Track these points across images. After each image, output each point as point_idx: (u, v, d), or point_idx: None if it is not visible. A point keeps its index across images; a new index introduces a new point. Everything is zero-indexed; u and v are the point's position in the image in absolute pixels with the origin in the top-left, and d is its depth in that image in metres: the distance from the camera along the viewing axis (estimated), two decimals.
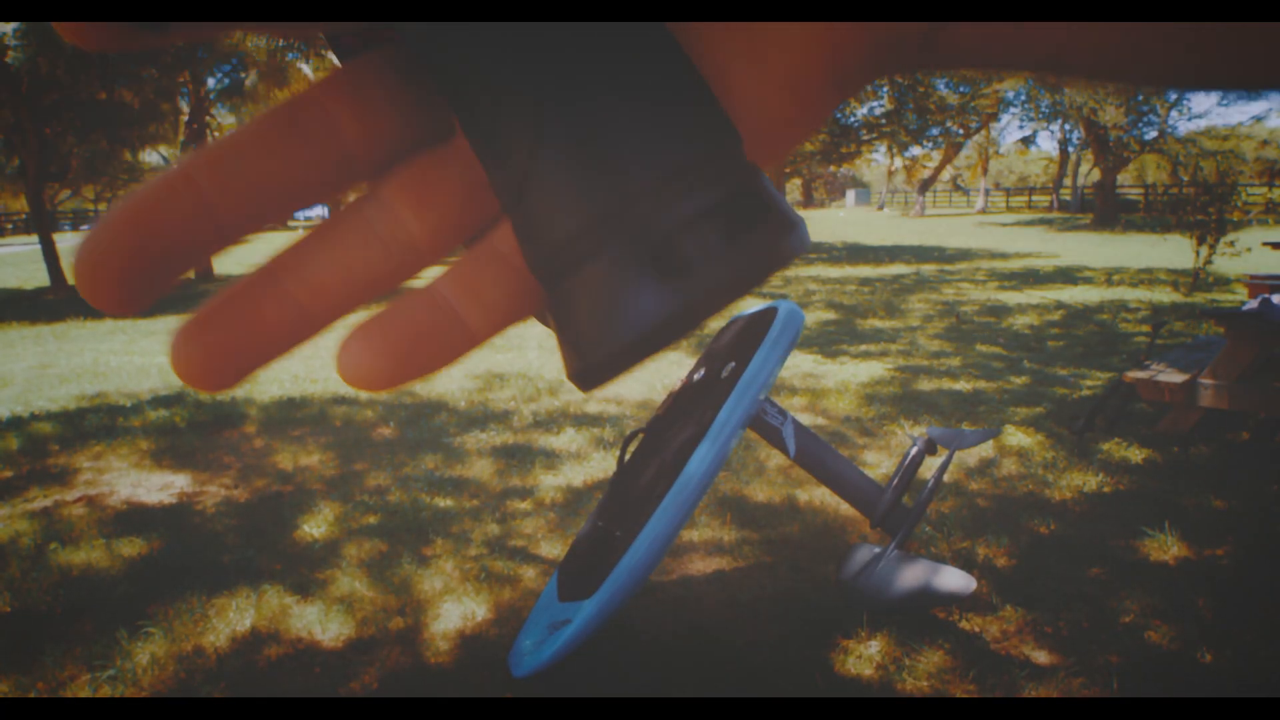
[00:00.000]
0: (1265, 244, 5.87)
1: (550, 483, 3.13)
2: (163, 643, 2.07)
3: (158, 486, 3.19)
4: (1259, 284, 5.22)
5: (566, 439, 3.65)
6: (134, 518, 2.86)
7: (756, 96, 0.18)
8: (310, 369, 5.30)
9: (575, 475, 3.20)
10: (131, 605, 2.25)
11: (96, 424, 4.04)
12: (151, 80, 12.86)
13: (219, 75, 16.53)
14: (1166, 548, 2.45)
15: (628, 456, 1.98)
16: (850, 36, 0.18)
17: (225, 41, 13.55)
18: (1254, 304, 3.29)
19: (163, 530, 2.75)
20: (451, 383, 4.80)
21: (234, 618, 2.18)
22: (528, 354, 5.65)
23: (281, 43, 15.27)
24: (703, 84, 0.17)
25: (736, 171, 0.17)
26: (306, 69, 15.93)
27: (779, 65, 0.18)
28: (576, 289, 0.17)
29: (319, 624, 2.15)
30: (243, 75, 16.21)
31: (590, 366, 0.17)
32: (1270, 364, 3.44)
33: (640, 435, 1.97)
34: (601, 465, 3.29)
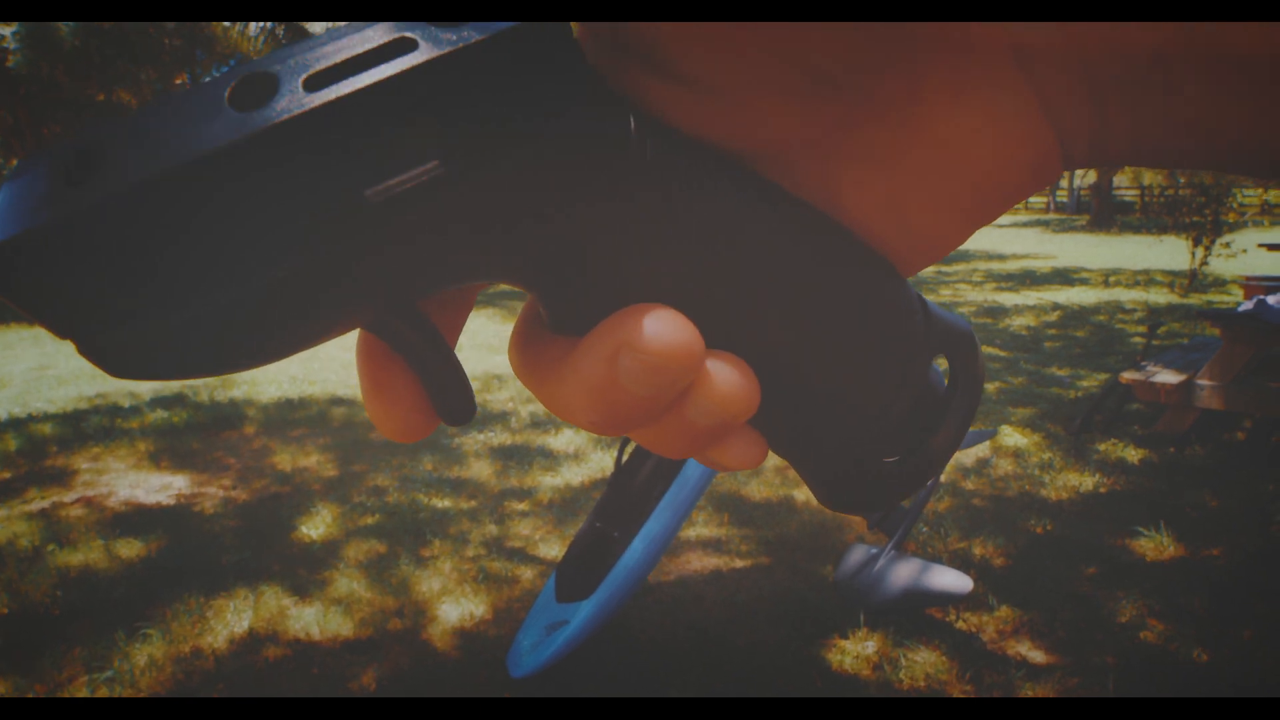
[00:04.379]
0: (1261, 245, 5.90)
1: (548, 483, 3.13)
2: (161, 644, 2.07)
3: (156, 488, 3.19)
4: (1254, 285, 5.23)
5: (565, 440, 3.66)
6: (133, 519, 2.87)
7: (898, 238, 0.20)
8: (309, 370, 5.31)
9: (573, 476, 3.21)
10: (130, 606, 2.26)
11: (95, 425, 4.05)
12: (150, 81, 12.86)
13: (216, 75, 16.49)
14: (1162, 548, 2.46)
15: (625, 457, 1.98)
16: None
17: (222, 41, 13.55)
18: (1249, 305, 3.30)
19: (161, 531, 2.75)
20: None
21: (232, 619, 2.18)
22: None
23: (280, 42, 15.27)
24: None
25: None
26: None
27: (916, 219, 0.19)
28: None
29: (317, 625, 2.15)
30: None
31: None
32: (1266, 365, 3.45)
33: None
34: (600, 465, 3.30)
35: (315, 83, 0.14)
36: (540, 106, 0.15)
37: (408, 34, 0.14)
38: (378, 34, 0.14)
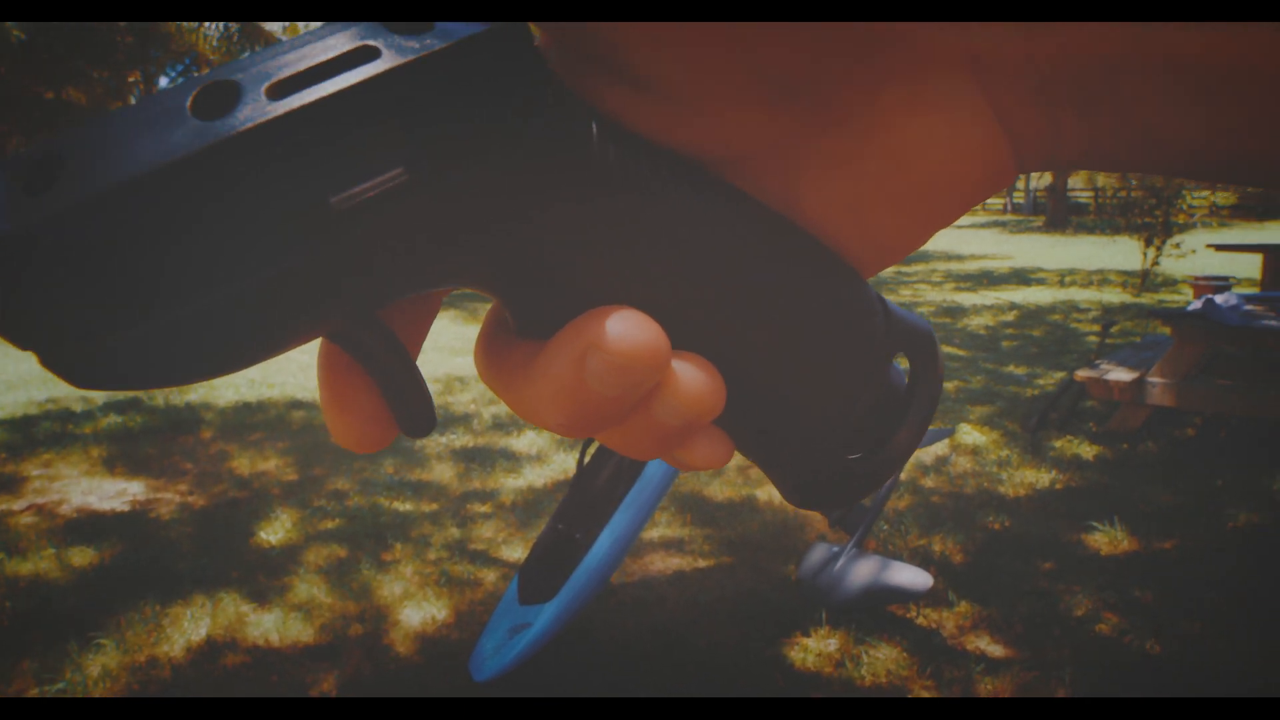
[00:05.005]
0: (1209, 246, 6.04)
1: (511, 485, 3.12)
2: (115, 654, 2.03)
3: (111, 494, 3.13)
4: (1203, 285, 5.36)
5: (527, 441, 3.65)
6: (85, 526, 2.80)
7: (858, 242, 0.20)
8: (267, 374, 5.23)
9: (536, 477, 3.20)
10: (82, 616, 2.21)
11: (46, 431, 3.96)
12: (101, 80, 12.61)
13: (171, 74, 16.25)
14: (1117, 542, 2.51)
15: (587, 458, 1.98)
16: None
17: (177, 39, 13.32)
18: (1198, 304, 3.37)
19: (115, 539, 2.70)
20: None
21: (189, 627, 2.14)
22: None
23: (235, 39, 15.06)
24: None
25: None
26: None
27: (876, 222, 0.20)
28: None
29: (277, 631, 2.12)
30: (195, 74, 15.93)
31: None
32: (1215, 363, 3.53)
33: None
34: (562, 467, 3.29)
35: (278, 91, 0.14)
36: (503, 112, 0.15)
37: (370, 42, 0.14)
38: (340, 41, 0.14)
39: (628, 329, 0.17)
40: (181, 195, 0.13)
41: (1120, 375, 3.36)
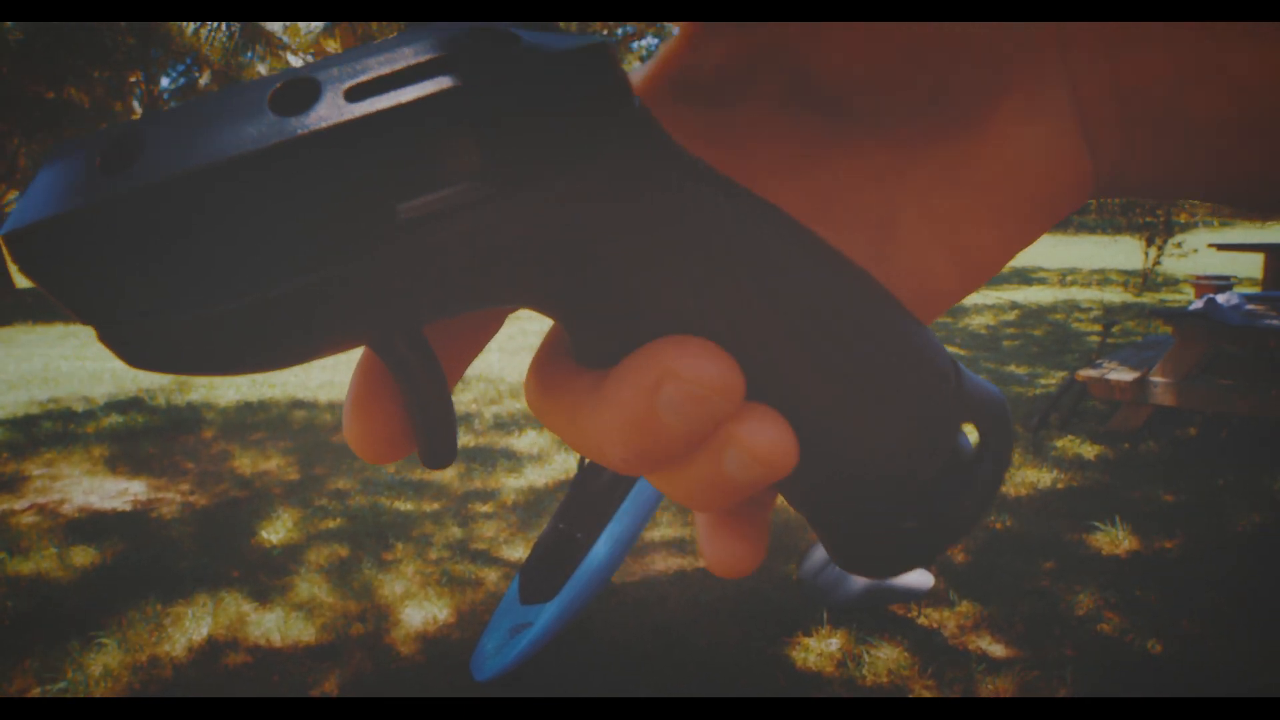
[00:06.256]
0: (1210, 245, 6.04)
1: (512, 485, 3.12)
2: (116, 653, 2.03)
3: (113, 493, 3.13)
4: (1205, 284, 5.36)
5: (528, 441, 3.65)
6: (87, 526, 2.81)
7: (947, 261, 0.20)
8: (268, 373, 5.23)
9: (537, 477, 3.20)
10: (84, 615, 2.21)
11: (48, 430, 3.96)
12: (102, 80, 12.61)
13: (173, 75, 16.26)
14: (1118, 541, 2.51)
15: (589, 459, 1.98)
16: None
17: (178, 39, 13.32)
18: (1200, 304, 3.37)
19: (117, 538, 2.70)
20: None
21: (191, 626, 2.15)
22: (489, 357, 5.63)
23: (236, 41, 15.06)
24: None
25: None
26: (263, 70, 15.71)
27: (971, 238, 0.20)
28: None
29: (278, 631, 2.12)
30: (196, 75, 15.95)
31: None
32: (1216, 362, 3.53)
33: None
34: (563, 467, 3.29)
35: (357, 94, 0.14)
36: (582, 135, 0.15)
37: (453, 51, 0.14)
38: (425, 48, 0.14)
39: (705, 359, 0.16)
40: (251, 187, 0.13)
41: (1122, 375, 3.36)
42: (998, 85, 0.18)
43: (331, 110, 0.14)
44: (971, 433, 0.48)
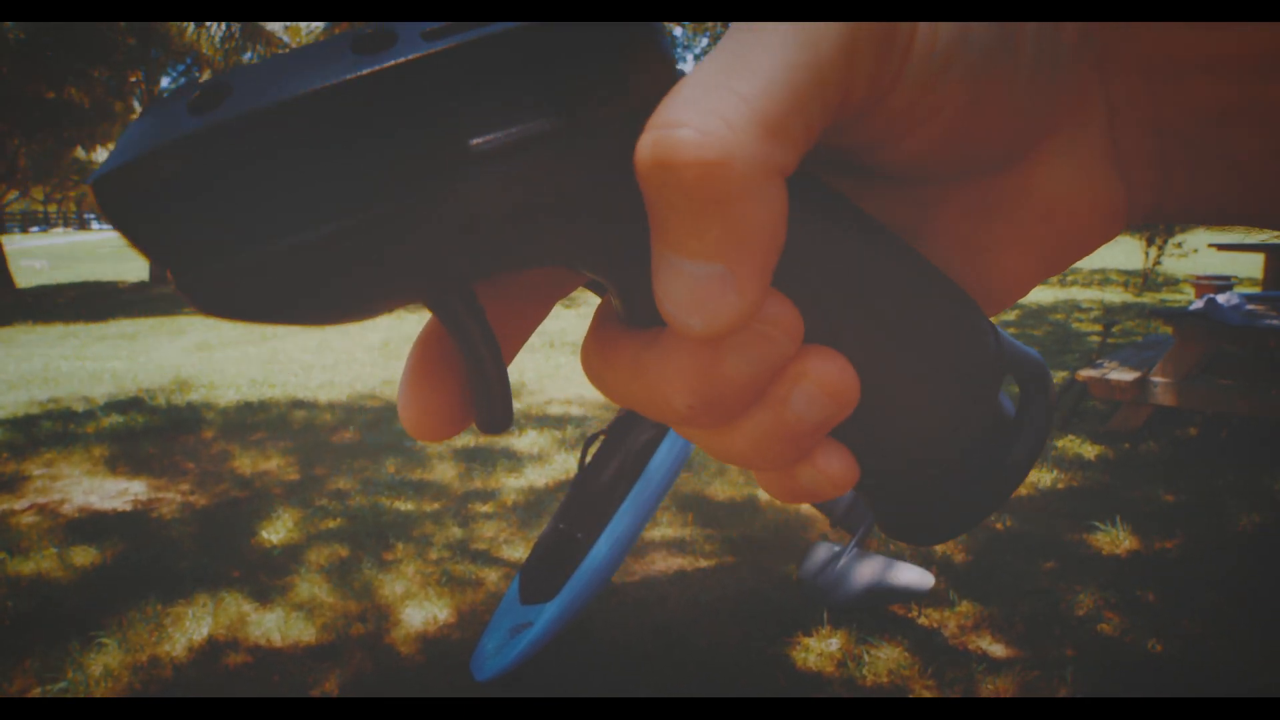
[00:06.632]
0: (1211, 245, 6.04)
1: (512, 485, 3.12)
2: (116, 653, 2.03)
3: (113, 493, 3.13)
4: (1205, 284, 5.36)
5: (528, 441, 3.65)
6: (87, 526, 2.81)
7: (972, 285, 0.20)
8: (268, 373, 5.24)
9: (537, 477, 3.20)
10: (84, 615, 2.21)
11: (48, 430, 3.96)
12: (102, 80, 12.61)
13: (173, 74, 16.25)
14: (1118, 541, 2.51)
15: (589, 458, 1.98)
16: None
17: (178, 40, 13.32)
18: (1200, 304, 3.37)
19: (117, 538, 2.70)
20: None
21: (191, 626, 2.15)
22: None
23: (236, 41, 15.05)
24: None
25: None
26: None
27: (1003, 267, 0.20)
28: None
29: (279, 631, 2.12)
30: (197, 74, 15.95)
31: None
32: (1216, 362, 3.53)
33: (602, 437, 1.98)
34: (564, 467, 3.29)
35: (434, 36, 0.14)
36: (653, 90, 0.16)
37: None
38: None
39: (772, 299, 0.17)
40: (330, 120, 0.14)
41: (1122, 375, 3.36)
42: (1041, 131, 0.18)
43: (409, 47, 0.14)
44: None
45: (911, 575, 2.03)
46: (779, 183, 0.14)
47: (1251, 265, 8.69)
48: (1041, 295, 8.61)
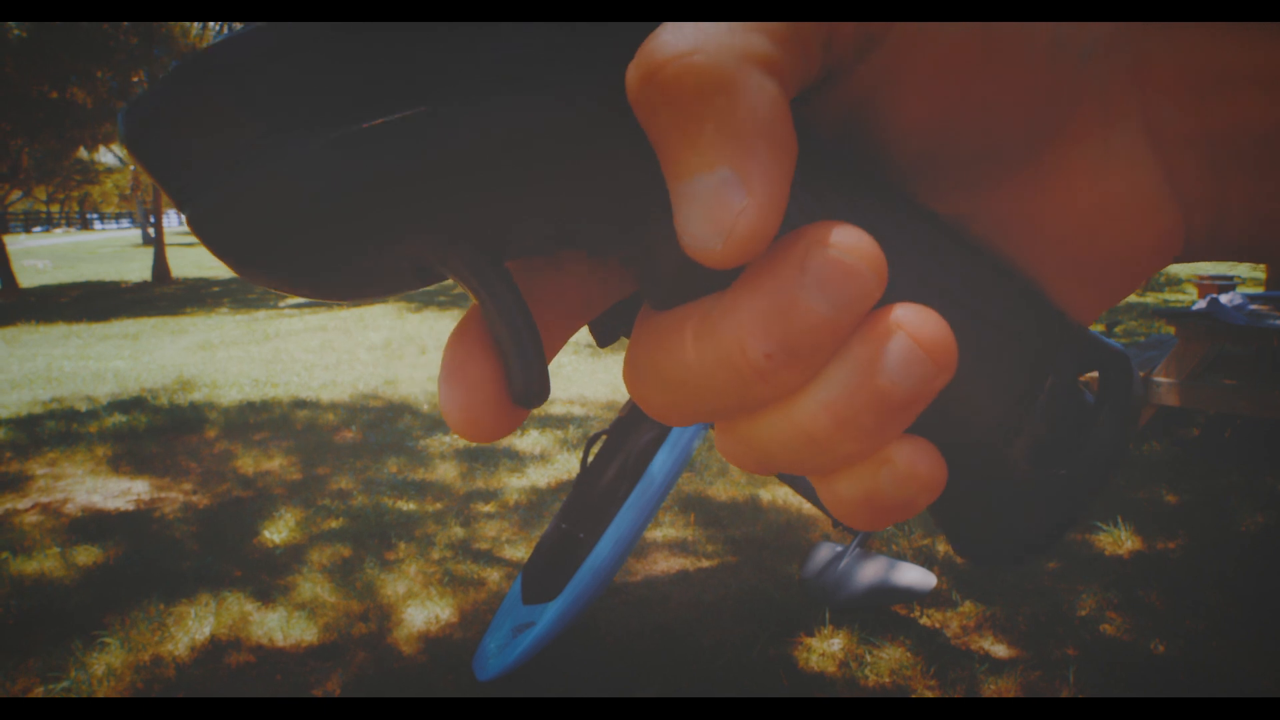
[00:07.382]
0: None
1: (514, 485, 3.12)
2: (119, 653, 2.04)
3: (115, 493, 3.13)
4: (1208, 284, 5.33)
5: (531, 441, 3.65)
6: (90, 525, 2.81)
7: (1067, 301, 0.19)
8: (271, 373, 5.24)
9: (539, 477, 3.20)
10: (87, 615, 2.21)
11: (51, 430, 3.96)
12: (105, 80, 12.62)
13: None
14: (1121, 542, 2.51)
15: (591, 458, 1.98)
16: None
17: (181, 40, 13.33)
18: (1203, 304, 3.36)
19: (120, 538, 2.70)
20: (414, 386, 4.77)
21: (193, 626, 2.15)
22: None
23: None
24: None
25: None
26: None
27: (1051, 291, 0.19)
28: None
29: (281, 630, 2.13)
30: None
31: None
32: (1219, 362, 3.52)
33: (604, 437, 1.98)
34: (566, 467, 3.29)
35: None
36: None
37: None
38: None
39: (853, 230, 0.15)
40: (349, 33, 0.14)
41: None
42: (1058, 132, 0.17)
43: None
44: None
45: (914, 575, 2.03)
46: (766, 72, 0.14)
47: (1254, 265, 8.68)
48: None
